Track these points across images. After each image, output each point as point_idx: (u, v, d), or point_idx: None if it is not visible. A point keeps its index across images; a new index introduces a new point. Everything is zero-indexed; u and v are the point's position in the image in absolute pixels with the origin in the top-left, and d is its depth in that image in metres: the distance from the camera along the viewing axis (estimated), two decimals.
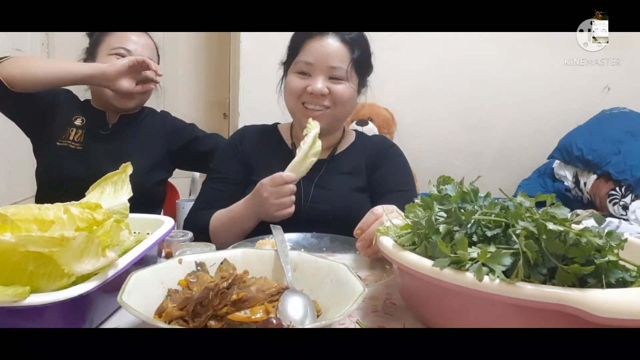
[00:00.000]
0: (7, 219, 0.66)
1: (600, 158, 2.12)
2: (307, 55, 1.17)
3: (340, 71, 1.16)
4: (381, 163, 1.27)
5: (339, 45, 1.17)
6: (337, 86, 1.17)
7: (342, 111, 1.21)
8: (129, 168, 0.89)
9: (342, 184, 1.22)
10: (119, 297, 0.62)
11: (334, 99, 1.17)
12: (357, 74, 1.21)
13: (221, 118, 2.91)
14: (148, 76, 1.38)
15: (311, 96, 1.17)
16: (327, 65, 1.16)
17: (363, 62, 1.22)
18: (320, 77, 1.16)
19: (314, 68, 1.17)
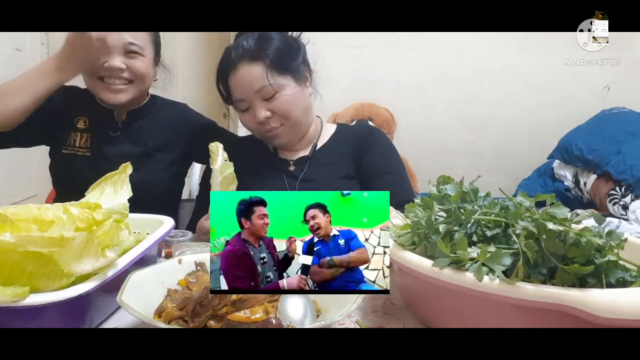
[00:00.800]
0: (6, 219, 0.66)
1: (600, 158, 2.12)
2: (235, 93, 1.19)
3: (267, 89, 1.14)
4: (366, 148, 1.27)
5: (251, 68, 1.15)
6: (274, 102, 1.16)
7: (297, 118, 1.20)
8: (129, 168, 0.89)
9: (327, 174, 1.23)
10: (119, 297, 0.62)
11: (281, 115, 1.18)
12: (284, 74, 1.16)
13: (221, 118, 2.92)
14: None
15: (261, 125, 1.18)
16: (253, 91, 1.15)
17: (282, 59, 1.16)
18: (257, 105, 1.16)
19: (246, 102, 1.18)
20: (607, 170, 2.07)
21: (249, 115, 1.19)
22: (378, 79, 2.46)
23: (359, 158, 1.26)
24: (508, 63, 2.54)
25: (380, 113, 2.44)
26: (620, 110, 2.34)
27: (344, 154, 1.27)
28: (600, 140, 2.17)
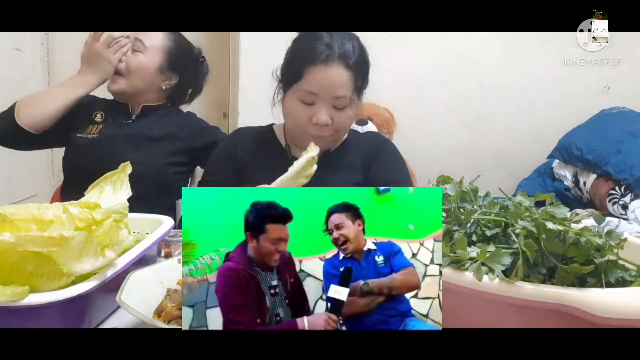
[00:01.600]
0: (6, 218, 0.66)
1: (599, 157, 2.12)
2: (311, 85, 1.12)
3: (344, 100, 1.13)
4: (376, 158, 1.27)
5: (343, 73, 1.12)
6: (341, 114, 1.15)
7: (339, 135, 1.22)
8: (128, 167, 0.89)
9: (338, 179, 1.22)
10: (118, 296, 0.62)
11: (336, 128, 1.17)
12: (359, 95, 1.20)
13: (221, 118, 2.91)
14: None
15: (315, 126, 1.15)
16: (332, 95, 1.12)
17: (364, 83, 1.21)
18: (324, 108, 1.13)
19: (318, 97, 1.13)
20: (607, 170, 2.07)
21: (308, 109, 1.14)
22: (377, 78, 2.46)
23: (368, 167, 1.26)
24: (508, 63, 2.54)
25: (380, 113, 2.44)
26: (620, 110, 2.34)
27: (354, 161, 1.26)
28: (599, 140, 2.17)
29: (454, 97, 2.56)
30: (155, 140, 1.44)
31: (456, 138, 2.59)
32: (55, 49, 2.71)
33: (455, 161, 2.56)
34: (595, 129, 2.26)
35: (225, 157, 1.29)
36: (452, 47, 2.49)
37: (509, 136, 2.60)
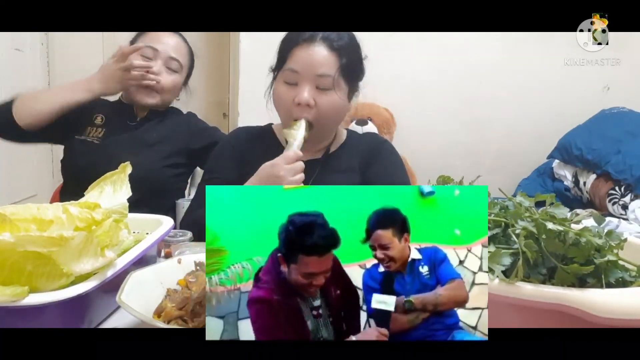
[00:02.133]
0: (6, 218, 0.66)
1: (599, 158, 2.12)
2: (294, 63, 1.13)
3: (327, 80, 1.12)
4: (374, 159, 1.26)
5: (326, 53, 1.13)
6: (325, 96, 1.13)
7: (328, 121, 1.19)
8: (128, 168, 0.89)
9: (337, 182, 1.22)
10: (118, 296, 0.62)
11: (320, 111, 1.14)
12: (346, 81, 1.17)
13: (221, 118, 2.91)
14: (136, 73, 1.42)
15: (298, 107, 1.13)
16: (314, 73, 1.12)
17: (352, 68, 1.18)
18: (307, 87, 1.12)
19: (300, 76, 1.13)
20: (607, 170, 2.07)
21: (292, 90, 1.14)
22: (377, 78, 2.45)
23: (366, 168, 1.25)
24: (508, 63, 2.53)
25: (380, 113, 2.44)
26: (619, 110, 2.34)
27: (353, 163, 1.26)
28: (599, 140, 2.17)
29: (454, 97, 2.56)
30: (153, 144, 1.45)
31: (456, 138, 2.59)
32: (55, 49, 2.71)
33: (455, 161, 2.56)
34: (595, 129, 2.26)
35: (226, 154, 1.29)
36: (452, 47, 2.49)
37: (509, 136, 2.60)
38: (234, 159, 1.27)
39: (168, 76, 1.46)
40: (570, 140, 2.27)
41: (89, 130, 1.45)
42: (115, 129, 1.45)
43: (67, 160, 1.47)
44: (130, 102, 1.50)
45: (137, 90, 1.44)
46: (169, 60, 1.46)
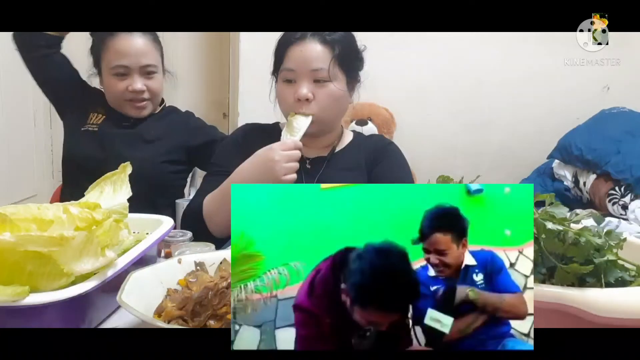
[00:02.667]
0: (6, 218, 0.66)
1: (599, 158, 2.11)
2: (289, 62, 1.18)
3: (323, 72, 1.16)
4: (379, 160, 1.28)
5: (318, 47, 1.17)
6: (323, 89, 1.17)
7: (329, 113, 1.21)
8: (128, 168, 0.89)
9: (343, 180, 1.22)
10: (118, 296, 0.62)
11: (321, 104, 1.17)
12: (344, 71, 1.20)
13: (221, 118, 2.91)
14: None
15: (298, 103, 1.17)
16: (309, 68, 1.16)
17: (348, 57, 1.21)
18: (304, 82, 1.16)
19: (296, 74, 1.17)
20: (607, 170, 2.07)
21: (291, 88, 1.18)
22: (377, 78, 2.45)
23: (372, 168, 1.26)
24: (508, 63, 2.53)
25: (380, 113, 2.44)
26: (619, 110, 2.34)
27: (359, 162, 1.27)
28: (599, 140, 2.17)
29: (454, 97, 2.56)
30: (152, 141, 1.46)
31: (456, 138, 2.59)
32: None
33: (455, 161, 2.56)
34: (595, 129, 2.26)
35: (235, 148, 1.28)
36: (452, 47, 2.49)
37: (509, 136, 2.60)
38: (241, 153, 1.26)
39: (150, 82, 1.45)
40: (570, 140, 2.27)
41: (91, 117, 1.48)
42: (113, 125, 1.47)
43: (70, 151, 1.48)
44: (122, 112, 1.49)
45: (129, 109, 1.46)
46: (143, 69, 1.43)
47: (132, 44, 1.41)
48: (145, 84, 1.44)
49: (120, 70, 1.41)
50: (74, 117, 1.50)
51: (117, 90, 1.42)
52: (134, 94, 1.42)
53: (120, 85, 1.42)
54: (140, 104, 1.45)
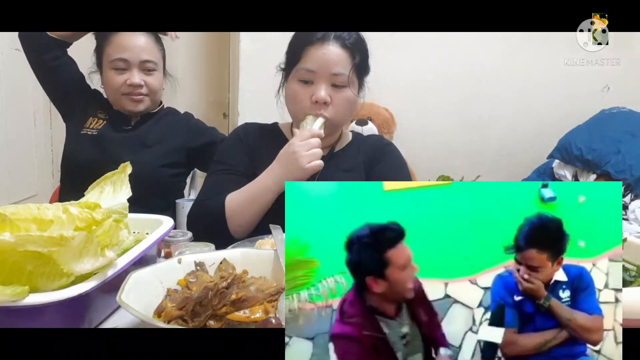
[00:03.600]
0: (6, 218, 0.66)
1: (599, 158, 2.12)
2: (309, 63, 1.16)
3: (343, 78, 1.16)
4: (378, 160, 1.28)
5: (340, 52, 1.16)
6: (340, 94, 1.17)
7: (342, 117, 1.22)
8: (128, 168, 0.89)
9: (342, 180, 1.23)
10: (118, 296, 0.61)
11: (336, 108, 1.17)
12: (358, 77, 1.22)
13: (221, 118, 2.91)
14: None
15: (315, 105, 1.16)
16: (330, 72, 1.15)
17: (363, 66, 1.22)
18: (323, 85, 1.15)
19: (316, 75, 1.16)
20: (607, 170, 2.07)
21: (307, 89, 1.17)
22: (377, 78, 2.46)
23: (370, 168, 1.27)
24: (508, 63, 2.54)
25: (380, 113, 2.44)
26: (619, 110, 2.35)
27: (358, 163, 1.27)
28: (599, 140, 2.17)
29: (454, 97, 2.56)
30: (151, 145, 1.46)
31: (456, 138, 2.59)
32: None
33: (455, 161, 2.56)
34: (595, 129, 2.26)
35: (237, 145, 1.28)
36: (452, 47, 2.49)
37: (509, 136, 2.60)
38: (244, 150, 1.27)
39: (149, 78, 1.46)
40: (570, 140, 2.27)
41: (91, 121, 1.48)
42: (113, 130, 1.48)
43: (69, 153, 1.48)
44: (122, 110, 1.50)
45: (126, 102, 1.46)
46: (143, 64, 1.45)
47: (134, 40, 1.43)
48: (143, 79, 1.45)
49: (119, 64, 1.42)
50: (76, 120, 1.50)
51: (116, 84, 1.43)
52: (131, 87, 1.43)
53: (119, 79, 1.43)
54: (137, 98, 1.46)
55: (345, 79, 1.16)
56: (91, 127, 1.47)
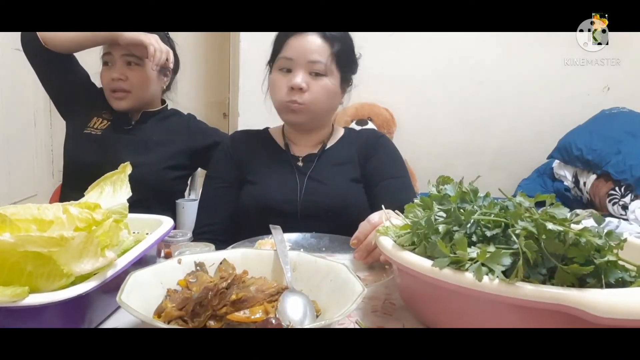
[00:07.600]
0: (6, 218, 0.66)
1: (599, 158, 2.12)
2: (288, 52, 1.19)
3: (319, 65, 1.18)
4: (372, 152, 1.28)
5: (319, 41, 1.19)
6: (318, 82, 1.18)
7: (320, 105, 1.22)
8: (128, 168, 0.89)
9: (335, 175, 1.24)
10: (118, 297, 0.62)
11: (313, 96, 1.18)
12: (339, 68, 1.22)
13: (221, 118, 2.92)
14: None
15: (292, 92, 1.18)
16: (307, 59, 1.17)
17: (344, 57, 1.23)
18: (300, 72, 1.18)
19: (294, 63, 1.18)
20: (607, 170, 2.07)
21: (286, 77, 1.19)
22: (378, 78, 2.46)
23: (365, 162, 1.27)
24: (508, 63, 2.54)
25: (380, 113, 2.44)
26: (619, 110, 2.35)
27: (351, 156, 1.28)
28: (599, 140, 2.17)
29: (454, 97, 2.56)
30: (153, 146, 1.46)
31: (456, 138, 2.59)
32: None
33: (455, 161, 2.57)
34: (595, 129, 2.26)
35: (226, 158, 1.31)
36: (452, 47, 2.49)
37: (509, 136, 2.60)
38: (232, 161, 1.30)
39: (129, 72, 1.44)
40: (571, 141, 2.27)
41: (94, 120, 1.48)
42: (115, 128, 1.47)
43: (71, 154, 1.48)
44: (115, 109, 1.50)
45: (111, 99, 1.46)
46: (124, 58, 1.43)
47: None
48: (124, 73, 1.43)
49: (106, 59, 1.44)
50: (78, 119, 1.50)
51: (104, 81, 1.45)
52: (113, 83, 1.43)
53: (106, 76, 1.44)
54: (118, 95, 1.44)
55: (322, 67, 1.18)
56: (95, 127, 1.46)
